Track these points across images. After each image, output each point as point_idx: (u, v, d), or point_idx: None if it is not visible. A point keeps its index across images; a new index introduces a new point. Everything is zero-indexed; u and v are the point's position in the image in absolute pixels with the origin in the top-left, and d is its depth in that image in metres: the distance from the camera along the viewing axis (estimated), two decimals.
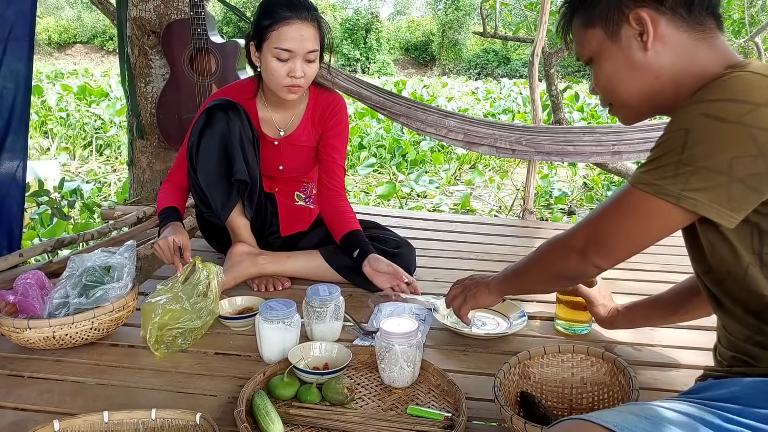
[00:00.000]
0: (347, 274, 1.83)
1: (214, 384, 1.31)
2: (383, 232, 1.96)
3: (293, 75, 1.64)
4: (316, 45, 1.66)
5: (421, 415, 1.17)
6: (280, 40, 1.61)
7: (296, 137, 1.85)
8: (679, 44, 0.90)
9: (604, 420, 0.75)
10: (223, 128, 1.69)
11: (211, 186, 1.73)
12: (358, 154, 6.33)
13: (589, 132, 2.50)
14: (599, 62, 0.97)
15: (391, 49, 25.05)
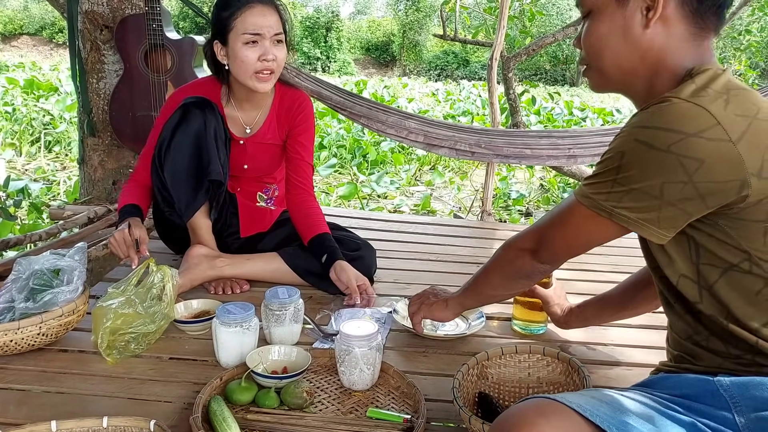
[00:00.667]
0: (307, 277, 1.81)
1: (168, 390, 1.28)
2: (344, 233, 1.96)
3: (265, 58, 1.63)
4: (281, 28, 1.67)
5: (381, 418, 1.17)
6: (246, 25, 1.61)
7: (262, 135, 1.83)
8: (676, 33, 0.89)
9: (569, 401, 0.79)
10: (199, 126, 1.67)
11: (178, 184, 1.69)
12: (318, 154, 6.29)
13: (546, 136, 2.56)
14: (596, 19, 0.94)
15: (351, 49, 25.00)
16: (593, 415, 0.76)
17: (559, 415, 0.77)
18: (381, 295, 1.83)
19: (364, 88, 11.87)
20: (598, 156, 2.50)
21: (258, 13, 1.62)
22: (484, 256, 2.27)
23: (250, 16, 1.61)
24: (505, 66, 3.23)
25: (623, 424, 0.77)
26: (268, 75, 1.66)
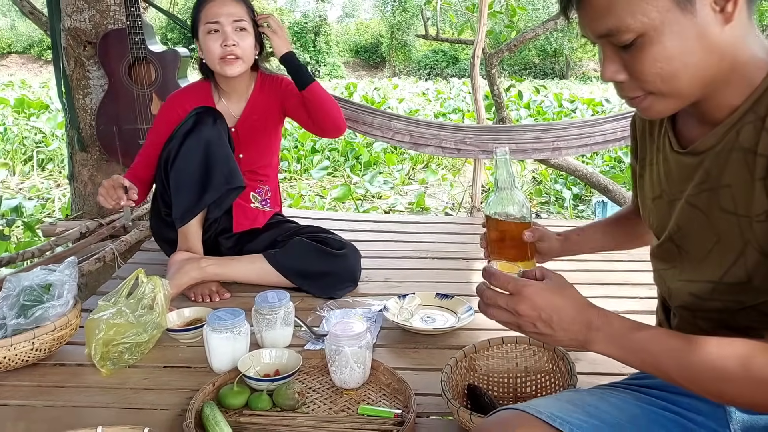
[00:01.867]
0: (292, 277, 1.81)
1: (163, 398, 1.29)
2: (327, 235, 1.97)
3: (226, 43, 1.74)
4: (244, 16, 1.78)
5: (372, 414, 1.19)
6: (207, 16, 1.75)
7: (249, 116, 1.91)
8: (744, 20, 0.73)
9: (539, 410, 0.76)
10: (211, 135, 1.74)
11: (181, 189, 1.74)
12: (311, 158, 6.32)
13: (530, 130, 2.58)
14: (657, 40, 0.72)
15: (340, 52, 25.04)
16: (563, 423, 0.74)
17: (526, 428, 0.74)
18: (372, 294, 1.85)
19: (355, 91, 11.89)
20: (582, 148, 2.53)
21: (217, 4, 1.75)
22: (473, 251, 2.29)
23: (211, 7, 1.76)
24: (488, 62, 3.26)
25: (596, 430, 0.75)
26: (233, 59, 1.76)
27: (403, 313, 1.63)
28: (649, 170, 0.93)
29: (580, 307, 0.75)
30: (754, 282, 0.77)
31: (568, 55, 22.34)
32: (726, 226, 0.78)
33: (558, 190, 5.29)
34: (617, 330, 0.73)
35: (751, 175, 0.74)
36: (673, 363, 0.71)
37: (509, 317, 0.77)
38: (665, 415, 0.82)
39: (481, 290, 0.80)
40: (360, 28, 26.79)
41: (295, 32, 23.76)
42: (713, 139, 0.79)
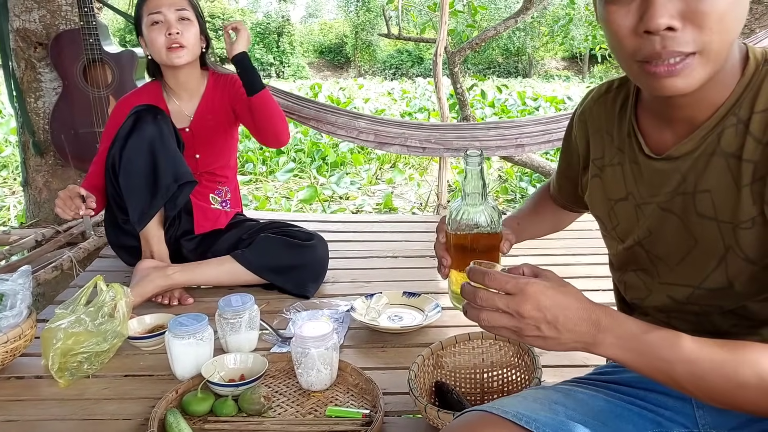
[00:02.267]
0: (263, 274, 1.79)
1: (124, 407, 1.26)
2: (294, 229, 1.95)
3: (170, 32, 1.73)
4: (186, 6, 1.77)
5: (340, 416, 1.18)
6: (149, 8, 1.74)
7: (202, 115, 1.88)
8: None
9: (504, 410, 0.75)
10: (153, 133, 1.69)
11: (133, 192, 1.69)
12: (276, 159, 6.26)
13: (494, 127, 2.61)
14: None
15: (305, 53, 24.89)
16: (529, 422, 0.73)
17: (491, 429, 0.74)
18: (339, 294, 1.84)
19: (320, 91, 11.84)
20: (545, 144, 2.57)
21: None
22: None
23: (152, 1, 1.74)
24: (451, 61, 3.28)
25: (562, 426, 0.74)
26: (178, 47, 1.75)
27: (370, 312, 1.62)
28: (611, 171, 0.89)
29: (587, 305, 0.68)
30: (735, 287, 0.76)
31: (531, 54, 22.69)
32: (704, 231, 0.77)
33: (523, 187, 5.36)
34: (627, 331, 0.67)
35: (735, 181, 0.73)
36: (685, 371, 0.65)
37: (509, 321, 0.67)
38: (632, 409, 0.82)
39: (471, 292, 0.69)
40: (324, 29, 26.69)
41: (258, 33, 23.52)
42: (691, 144, 0.76)
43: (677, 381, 0.66)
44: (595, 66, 20.35)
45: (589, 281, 2.00)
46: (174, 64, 1.78)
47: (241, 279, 1.79)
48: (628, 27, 0.69)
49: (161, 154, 1.69)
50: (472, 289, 0.70)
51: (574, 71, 22.07)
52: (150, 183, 1.69)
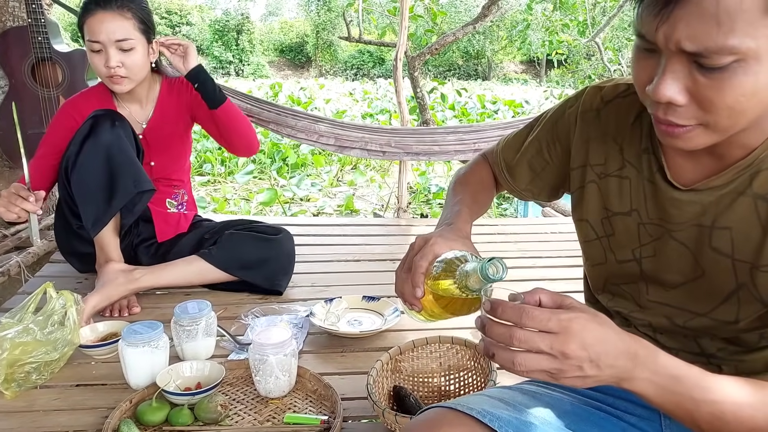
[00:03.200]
0: (235, 271, 1.78)
1: (76, 418, 1.23)
2: (258, 224, 1.94)
3: (108, 65, 1.63)
4: (128, 34, 1.64)
5: (298, 422, 1.18)
6: (89, 33, 1.63)
7: (158, 122, 1.82)
8: None
9: (469, 407, 0.74)
10: (111, 139, 1.63)
11: (87, 197, 1.63)
12: (236, 160, 6.17)
13: (453, 132, 2.65)
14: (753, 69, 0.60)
15: (265, 51, 24.63)
16: (492, 419, 0.72)
17: (452, 427, 0.73)
18: (299, 299, 1.84)
19: (280, 91, 11.74)
20: None
21: (98, 21, 1.61)
22: (400, 253, 2.31)
23: (92, 24, 1.62)
24: (411, 65, 3.31)
25: (525, 426, 0.74)
26: (120, 78, 1.66)
27: (329, 317, 1.63)
28: (614, 183, 0.85)
29: (623, 335, 0.63)
30: (740, 324, 0.77)
31: (490, 57, 23.06)
32: (716, 266, 0.76)
33: None
34: (662, 367, 0.63)
35: (762, 224, 0.71)
36: (707, 412, 0.63)
37: (550, 363, 0.60)
38: (598, 414, 0.83)
39: (505, 333, 0.61)
40: (284, 27, 26.45)
41: (216, 30, 23.14)
42: (723, 180, 0.73)
43: (696, 420, 0.64)
44: (552, 70, 20.82)
45: (545, 284, 2.04)
46: (116, 91, 1.72)
47: (211, 278, 1.77)
48: (642, 80, 0.68)
49: (118, 161, 1.64)
50: (506, 330, 0.61)
51: (531, 75, 22.55)
52: (106, 188, 1.63)
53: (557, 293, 0.65)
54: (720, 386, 0.64)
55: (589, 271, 0.96)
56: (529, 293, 0.65)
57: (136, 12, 1.66)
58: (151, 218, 1.84)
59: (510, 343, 0.61)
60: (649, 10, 0.62)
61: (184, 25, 23.39)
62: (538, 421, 0.76)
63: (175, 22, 23.22)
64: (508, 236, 2.59)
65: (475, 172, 1.10)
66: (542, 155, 0.98)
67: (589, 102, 0.89)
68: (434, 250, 0.82)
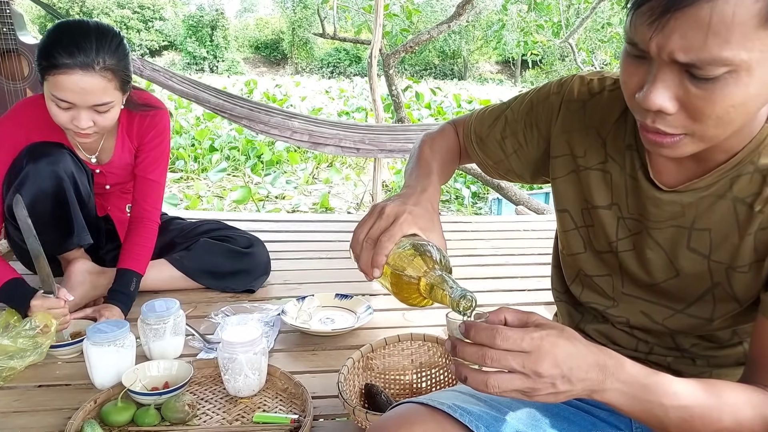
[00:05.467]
0: (202, 279, 1.78)
1: (37, 420, 1.19)
2: (234, 231, 1.92)
3: (77, 124, 1.40)
4: (108, 96, 1.40)
5: (267, 422, 1.16)
6: (57, 89, 1.35)
7: (117, 161, 1.68)
8: None
9: (440, 402, 0.74)
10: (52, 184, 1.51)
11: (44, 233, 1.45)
12: (209, 157, 6.10)
13: (426, 129, 2.65)
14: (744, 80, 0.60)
15: (240, 47, 24.37)
16: (463, 414, 0.72)
17: (423, 422, 0.73)
18: (271, 297, 1.82)
19: (255, 88, 11.64)
20: None
21: (74, 82, 1.34)
22: None
23: (64, 82, 1.34)
24: (386, 63, 3.30)
25: (496, 421, 0.74)
26: (88, 135, 1.45)
27: (301, 315, 1.61)
28: (594, 175, 0.86)
29: (591, 348, 0.64)
30: (714, 322, 0.79)
31: (466, 57, 23.19)
32: (691, 266, 0.78)
33: (458, 188, 5.47)
34: (631, 376, 0.64)
35: (740, 227, 0.73)
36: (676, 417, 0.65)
37: (523, 383, 0.60)
38: (568, 408, 0.84)
39: (477, 353, 0.61)
40: (260, 24, 26.21)
41: (190, 26, 22.80)
42: (704, 183, 0.74)
43: (665, 425, 0.65)
44: (527, 71, 21.05)
45: (517, 281, 2.07)
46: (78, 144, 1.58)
47: (180, 284, 1.76)
48: (631, 87, 0.67)
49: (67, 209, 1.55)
50: (478, 350, 0.61)
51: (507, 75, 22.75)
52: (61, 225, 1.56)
53: (521, 311, 0.65)
54: (688, 391, 0.65)
55: (564, 261, 0.95)
56: (494, 313, 0.65)
57: (118, 71, 1.41)
58: (114, 228, 1.79)
59: (483, 363, 0.61)
60: (643, 18, 0.61)
61: (157, 20, 23.01)
62: (509, 416, 0.77)
63: (148, 17, 22.82)
64: (483, 234, 2.60)
65: (445, 138, 1.05)
66: (516, 137, 0.95)
67: (575, 92, 0.88)
68: (403, 229, 0.79)
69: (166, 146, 1.71)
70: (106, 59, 1.38)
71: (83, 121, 1.40)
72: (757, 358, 0.72)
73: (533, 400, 0.62)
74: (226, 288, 1.80)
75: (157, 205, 1.68)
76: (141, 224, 1.64)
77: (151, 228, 1.65)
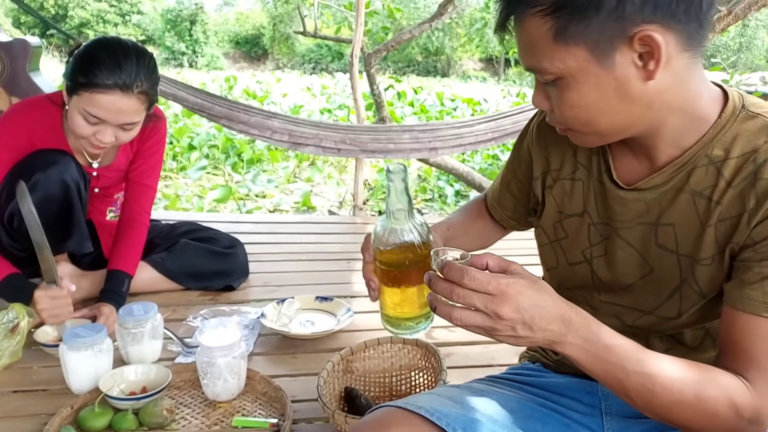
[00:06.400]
0: (183, 281, 1.78)
1: (12, 426, 1.18)
2: (213, 232, 1.93)
3: (100, 139, 1.44)
4: (138, 116, 1.46)
5: (246, 426, 1.16)
6: (92, 106, 1.39)
7: (112, 168, 1.70)
8: (679, 67, 0.70)
9: (418, 406, 0.75)
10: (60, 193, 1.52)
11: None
12: (188, 155, 6.03)
13: (408, 130, 2.66)
14: (573, 87, 0.71)
15: (219, 42, 24.09)
16: (440, 417, 0.74)
17: (401, 426, 0.74)
18: (250, 300, 1.82)
19: (236, 84, 11.52)
20: (456, 148, 2.65)
21: (111, 102, 1.39)
22: (354, 252, 2.31)
23: (101, 100, 1.39)
24: (367, 62, 3.31)
25: (472, 423, 0.75)
26: (103, 147, 1.51)
27: (281, 318, 1.61)
28: (568, 185, 0.89)
29: (560, 303, 0.68)
30: (682, 318, 0.81)
31: (449, 54, 23.24)
32: (662, 262, 0.80)
33: (441, 187, 5.49)
34: (594, 334, 0.67)
35: (700, 219, 0.76)
36: (637, 383, 0.68)
37: (484, 321, 0.65)
38: (542, 411, 0.86)
39: (447, 288, 0.66)
40: (240, 18, 25.94)
41: (169, 20, 22.48)
42: (661, 178, 0.78)
43: (626, 388, 0.68)
44: (510, 69, 21.17)
45: None
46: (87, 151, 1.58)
47: (161, 286, 1.76)
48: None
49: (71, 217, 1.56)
50: (447, 285, 0.66)
51: (490, 72, 22.85)
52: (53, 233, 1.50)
53: (505, 259, 0.69)
54: (654, 361, 0.69)
55: (544, 276, 0.98)
56: (477, 256, 0.70)
57: (151, 94, 1.47)
58: (95, 232, 1.77)
59: (450, 297, 0.66)
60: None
61: (135, 14, 22.66)
62: (486, 418, 0.78)
63: (125, 11, 22.45)
64: None
65: (470, 203, 1.18)
66: (517, 177, 1.01)
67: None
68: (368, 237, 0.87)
69: (162, 153, 1.76)
70: (143, 82, 1.42)
71: (107, 137, 1.44)
72: (726, 346, 0.74)
73: (494, 338, 0.67)
74: (206, 288, 1.81)
75: (148, 209, 1.72)
76: (132, 226, 1.67)
77: (141, 230, 1.69)
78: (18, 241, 1.55)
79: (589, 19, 0.66)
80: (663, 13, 0.66)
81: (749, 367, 0.71)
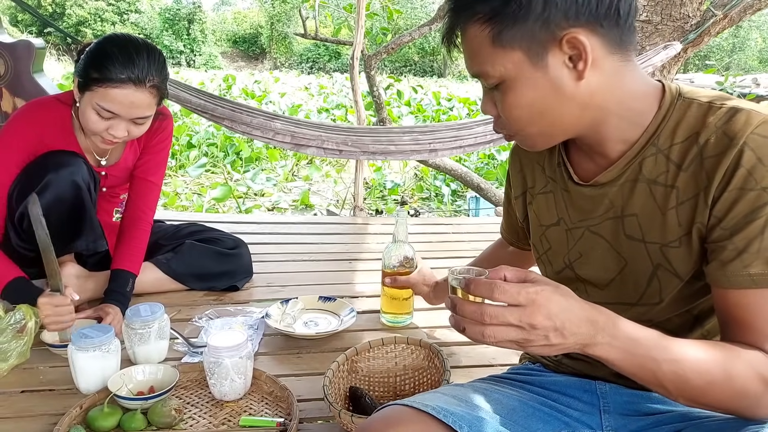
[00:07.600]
0: (188, 281, 1.80)
1: (21, 426, 1.19)
2: (217, 233, 1.94)
3: (113, 133, 1.47)
4: (150, 110, 1.48)
5: (254, 425, 1.18)
6: (106, 101, 1.42)
7: (120, 166, 1.71)
8: (610, 68, 0.76)
9: (424, 404, 0.78)
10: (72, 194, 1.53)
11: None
12: (187, 153, 6.04)
13: (408, 132, 2.68)
14: (513, 89, 0.77)
15: (217, 41, 24.07)
16: (447, 415, 0.76)
17: (408, 423, 0.76)
18: (254, 300, 1.83)
19: (234, 83, 11.52)
20: (455, 149, 2.67)
21: (124, 96, 1.41)
22: (356, 252, 2.34)
23: (115, 95, 1.41)
24: (367, 64, 3.32)
25: (477, 421, 0.78)
26: (114, 142, 1.52)
27: (285, 318, 1.63)
28: (542, 198, 0.96)
29: (584, 304, 0.68)
30: (664, 302, 0.84)
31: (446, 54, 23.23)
32: (633, 252, 0.84)
33: (438, 186, 5.52)
34: (622, 330, 0.68)
35: (659, 205, 0.80)
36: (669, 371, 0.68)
37: (518, 334, 0.65)
38: (543, 409, 0.88)
39: (477, 310, 0.66)
40: (238, 18, 25.92)
41: (167, 19, 22.44)
42: (615, 172, 0.83)
43: (660, 379, 0.69)
44: None
45: None
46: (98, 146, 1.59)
47: (166, 287, 1.78)
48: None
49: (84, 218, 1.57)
50: (476, 308, 0.66)
51: None
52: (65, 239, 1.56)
53: (520, 269, 0.70)
54: (678, 346, 0.70)
55: None
56: (495, 270, 0.70)
57: (162, 88, 1.49)
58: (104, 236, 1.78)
59: (482, 320, 0.65)
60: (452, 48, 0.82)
61: (133, 12, 22.60)
62: (489, 416, 0.81)
63: (123, 10, 22.40)
64: (462, 235, 2.64)
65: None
66: (510, 204, 1.10)
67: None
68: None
69: (168, 151, 1.77)
70: (155, 77, 1.45)
71: (120, 131, 1.47)
72: (728, 322, 0.76)
73: (527, 351, 0.67)
74: (210, 289, 1.82)
75: (152, 206, 1.73)
76: (135, 225, 1.68)
77: (144, 229, 1.70)
78: (27, 241, 1.56)
79: (520, 24, 0.73)
80: (586, 18, 0.72)
81: (761, 339, 0.72)
